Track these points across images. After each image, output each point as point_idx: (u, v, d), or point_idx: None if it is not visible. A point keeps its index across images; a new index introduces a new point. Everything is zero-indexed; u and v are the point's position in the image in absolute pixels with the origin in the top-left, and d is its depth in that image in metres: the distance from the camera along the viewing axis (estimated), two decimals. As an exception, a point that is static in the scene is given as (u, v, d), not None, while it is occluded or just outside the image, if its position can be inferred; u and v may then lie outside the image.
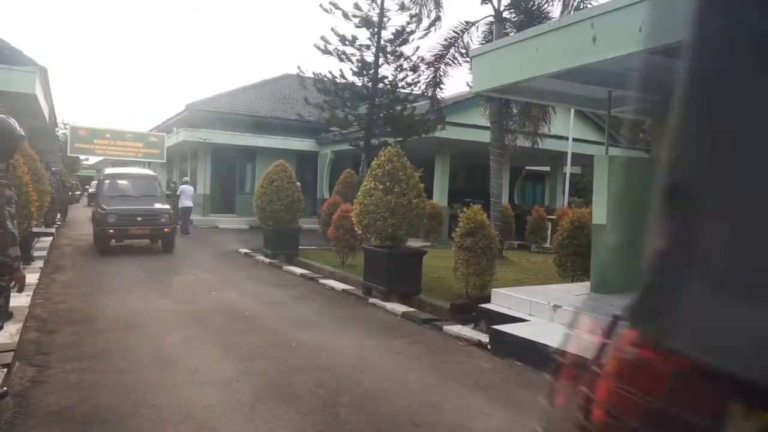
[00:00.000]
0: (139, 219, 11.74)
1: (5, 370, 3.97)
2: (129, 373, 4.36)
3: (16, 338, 4.73)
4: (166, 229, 11.97)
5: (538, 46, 5.73)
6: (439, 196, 16.06)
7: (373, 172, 7.99)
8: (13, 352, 4.35)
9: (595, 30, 5.01)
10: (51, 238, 12.84)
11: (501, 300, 6.34)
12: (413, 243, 9.37)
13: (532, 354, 4.94)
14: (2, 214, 3.24)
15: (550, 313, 5.74)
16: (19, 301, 5.95)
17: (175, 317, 6.31)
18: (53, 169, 22.17)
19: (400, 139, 12.81)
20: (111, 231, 11.45)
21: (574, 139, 17.10)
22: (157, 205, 12.25)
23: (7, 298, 3.52)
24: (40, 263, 9.03)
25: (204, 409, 3.70)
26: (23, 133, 3.62)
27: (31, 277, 7.61)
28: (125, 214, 11.55)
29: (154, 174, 14.73)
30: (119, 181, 13.28)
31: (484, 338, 5.58)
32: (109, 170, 14.72)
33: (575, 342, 0.90)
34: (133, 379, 4.21)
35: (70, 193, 25.48)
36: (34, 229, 9.36)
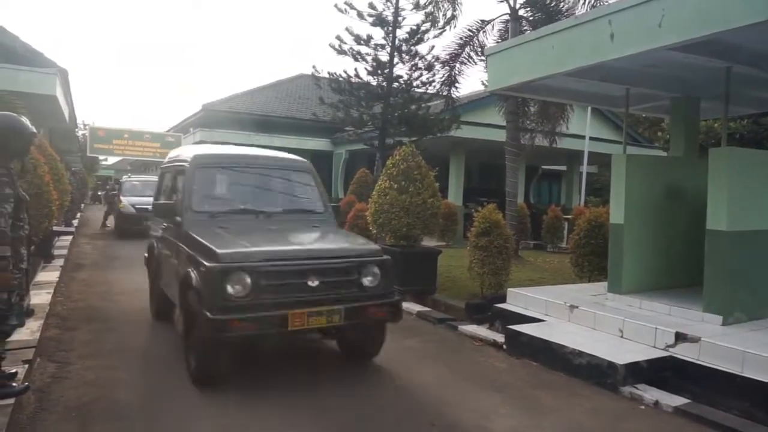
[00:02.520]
0: (317, 285, 4.15)
1: (27, 365, 4.03)
2: (146, 370, 4.41)
3: (37, 335, 4.80)
4: (377, 310, 4.39)
5: (554, 43, 5.66)
6: (454, 195, 15.98)
7: (388, 172, 7.98)
8: (34, 349, 4.42)
9: (612, 27, 4.94)
10: (71, 237, 13.04)
11: (516, 300, 6.29)
12: (428, 242, 9.35)
13: (548, 354, 4.90)
14: None
15: (566, 313, 5.68)
16: (40, 298, 6.07)
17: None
18: (73, 169, 22.52)
19: (414, 138, 12.77)
20: (241, 323, 3.84)
21: (591, 138, 16.90)
22: (341, 243, 5.07)
23: (22, 297, 3.54)
24: (60, 261, 9.18)
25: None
26: (35, 130, 3.59)
27: (52, 275, 7.74)
28: (284, 271, 4.13)
29: (305, 161, 5.97)
30: (226, 175, 5.46)
31: (500, 338, 5.54)
32: (195, 150, 5.83)
33: None
34: (150, 377, 4.26)
35: (103, 193, 25.57)
36: (55, 228, 9.51)
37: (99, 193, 36.19)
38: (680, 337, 4.56)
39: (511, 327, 5.45)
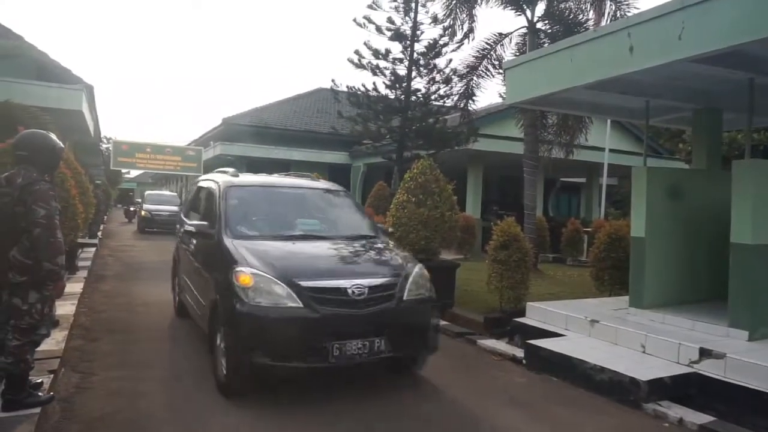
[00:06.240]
0: None
1: (52, 375, 4.11)
2: (168, 381, 4.46)
3: (62, 345, 4.89)
4: None
5: (573, 56, 5.66)
6: (472, 208, 15.94)
7: (406, 185, 8.01)
8: (59, 359, 4.51)
9: (632, 39, 4.93)
10: (94, 249, 13.28)
11: (536, 314, 6.23)
12: (446, 255, 9.31)
13: (569, 370, 4.83)
14: (55, 224, 3.37)
15: (587, 327, 5.61)
16: (65, 309, 6.18)
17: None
18: (97, 182, 22.98)
19: (432, 151, 12.79)
20: None
21: (611, 150, 16.75)
22: None
23: (51, 307, 3.67)
24: (84, 273, 9.36)
25: (240, 419, 3.75)
26: (62, 145, 3.80)
27: (76, 287, 7.89)
28: None
29: None
30: None
31: (519, 353, 5.49)
32: None
33: None
34: (173, 388, 4.30)
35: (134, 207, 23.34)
36: (79, 240, 9.71)
37: (131, 209, 27.79)
38: (705, 353, 4.47)
39: (530, 342, 5.39)
